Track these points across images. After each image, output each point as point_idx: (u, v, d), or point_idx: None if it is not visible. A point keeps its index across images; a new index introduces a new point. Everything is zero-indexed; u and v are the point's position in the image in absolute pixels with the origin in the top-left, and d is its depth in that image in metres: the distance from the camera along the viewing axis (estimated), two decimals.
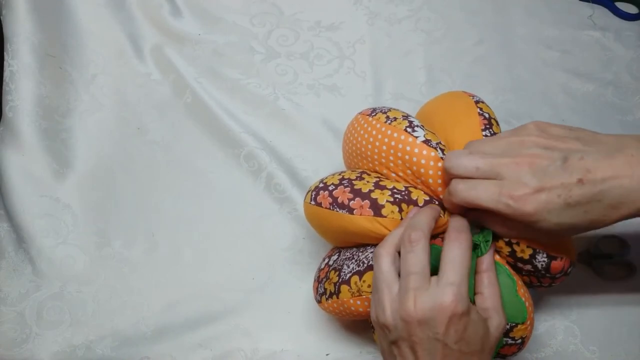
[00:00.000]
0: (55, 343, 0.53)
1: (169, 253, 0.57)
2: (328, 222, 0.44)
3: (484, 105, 0.47)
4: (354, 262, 0.45)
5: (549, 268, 0.41)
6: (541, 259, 0.41)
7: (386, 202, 0.42)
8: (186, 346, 0.53)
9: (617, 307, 0.53)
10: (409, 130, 0.43)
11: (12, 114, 0.59)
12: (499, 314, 0.38)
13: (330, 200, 0.43)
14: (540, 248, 0.41)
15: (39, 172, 0.59)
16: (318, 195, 0.45)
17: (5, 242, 0.57)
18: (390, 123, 0.44)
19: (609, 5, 0.70)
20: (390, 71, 0.66)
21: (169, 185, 0.60)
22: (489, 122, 0.45)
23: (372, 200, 0.42)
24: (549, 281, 0.43)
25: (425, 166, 0.42)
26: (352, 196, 0.43)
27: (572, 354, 0.52)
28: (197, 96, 0.63)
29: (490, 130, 0.45)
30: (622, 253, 0.55)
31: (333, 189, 0.44)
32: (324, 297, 0.47)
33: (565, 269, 0.42)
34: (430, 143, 0.42)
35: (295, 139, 0.62)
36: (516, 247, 0.41)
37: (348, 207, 0.43)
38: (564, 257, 0.42)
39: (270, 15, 0.68)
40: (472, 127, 0.45)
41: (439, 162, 0.42)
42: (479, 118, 0.45)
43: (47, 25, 0.62)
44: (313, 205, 0.45)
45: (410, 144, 0.42)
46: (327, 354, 0.52)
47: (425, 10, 0.69)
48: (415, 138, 0.42)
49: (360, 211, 0.42)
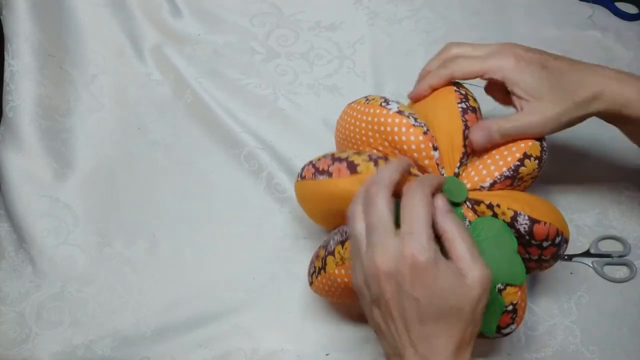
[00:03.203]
0: (55, 343, 0.53)
1: (170, 253, 0.57)
2: (313, 194, 0.46)
3: (461, 86, 0.49)
4: (339, 234, 0.46)
5: (532, 232, 0.42)
6: (523, 222, 0.42)
7: (362, 161, 0.43)
8: (186, 346, 0.53)
9: (617, 307, 0.53)
10: (384, 104, 0.45)
11: (12, 114, 0.59)
12: (476, 265, 0.35)
13: (312, 171, 0.45)
14: (522, 210, 0.42)
15: (40, 172, 0.59)
16: (303, 170, 0.47)
17: (5, 242, 0.57)
18: (368, 102, 0.47)
19: (609, 5, 0.70)
20: (390, 71, 0.66)
21: (169, 185, 0.61)
22: (464, 97, 0.47)
23: (349, 162, 0.43)
24: (537, 252, 0.43)
25: (398, 133, 0.44)
26: (331, 162, 0.44)
27: (572, 354, 0.52)
28: (197, 96, 0.63)
29: (467, 103, 0.47)
30: (622, 253, 0.56)
31: (316, 162, 0.46)
32: (314, 276, 0.48)
33: (550, 236, 0.42)
34: (403, 113, 0.44)
35: (295, 139, 0.62)
36: (497, 210, 0.42)
37: (327, 172, 0.44)
38: (550, 223, 0.42)
39: (270, 15, 0.68)
40: (449, 101, 0.47)
41: (411, 128, 0.43)
42: (455, 94, 0.47)
43: (47, 25, 0.62)
44: (299, 182, 0.47)
45: (384, 115, 0.44)
46: (327, 354, 0.52)
47: (426, 10, 0.70)
48: (389, 110, 0.44)
49: (338, 174, 0.43)
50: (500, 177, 0.44)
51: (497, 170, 0.44)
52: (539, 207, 0.43)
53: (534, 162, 0.44)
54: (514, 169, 0.44)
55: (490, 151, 0.46)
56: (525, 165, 0.44)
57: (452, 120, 0.46)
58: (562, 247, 0.44)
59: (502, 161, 0.44)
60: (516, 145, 0.45)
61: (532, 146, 0.45)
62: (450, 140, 0.45)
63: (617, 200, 0.58)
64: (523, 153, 0.44)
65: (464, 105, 0.46)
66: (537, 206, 0.43)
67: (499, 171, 0.44)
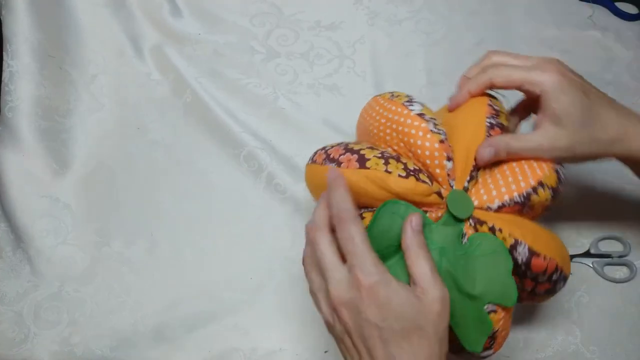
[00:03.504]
0: (54, 343, 0.53)
1: (169, 253, 0.57)
2: (320, 179, 0.45)
3: (496, 101, 0.47)
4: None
5: (529, 264, 0.41)
6: (522, 251, 0.41)
7: (373, 157, 0.43)
8: (185, 346, 0.53)
9: (617, 307, 0.53)
10: (407, 104, 0.44)
11: (11, 114, 0.59)
12: (434, 286, 0.36)
13: (324, 157, 0.45)
14: (523, 239, 0.41)
15: (39, 172, 0.59)
16: (315, 154, 0.47)
17: (3, 242, 0.57)
18: (392, 99, 0.46)
19: (609, 5, 0.70)
20: (390, 71, 0.66)
21: (168, 185, 0.60)
22: (496, 113, 0.46)
23: (360, 155, 0.43)
24: (532, 284, 0.42)
25: (415, 137, 0.43)
26: (343, 152, 0.44)
27: (572, 354, 0.52)
28: (197, 96, 0.63)
29: (497, 119, 0.45)
30: (622, 253, 0.55)
31: (329, 149, 0.46)
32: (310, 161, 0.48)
33: (548, 271, 0.41)
34: (423, 116, 0.43)
35: (295, 138, 0.62)
36: (498, 234, 0.41)
37: (337, 161, 0.44)
38: (550, 258, 0.41)
39: (270, 15, 0.68)
40: (478, 113, 0.46)
41: (428, 133, 0.42)
42: (486, 108, 0.46)
43: (47, 25, 0.62)
44: (310, 165, 0.47)
45: (404, 116, 0.43)
46: (326, 351, 0.52)
47: (426, 11, 0.69)
48: (410, 111, 0.44)
49: (347, 164, 0.43)
50: (510, 201, 0.42)
51: (508, 194, 0.43)
52: (543, 239, 0.42)
53: (547, 192, 0.43)
54: (526, 196, 0.42)
55: (505, 170, 0.44)
56: (537, 194, 0.42)
57: (475, 134, 0.44)
58: (558, 284, 0.43)
59: (515, 185, 0.43)
60: (532, 171, 0.43)
61: (549, 176, 0.43)
62: (467, 153, 0.44)
63: (617, 200, 0.58)
64: (538, 181, 0.43)
65: (493, 120, 0.45)
66: (541, 238, 0.42)
67: (509, 195, 0.43)
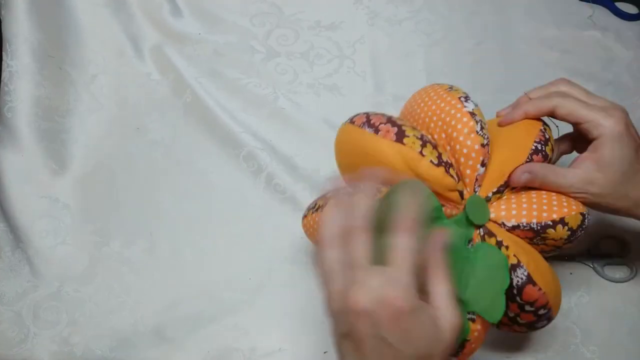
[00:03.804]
0: (54, 343, 0.53)
1: (168, 253, 0.57)
2: (353, 142, 0.44)
3: (548, 128, 0.47)
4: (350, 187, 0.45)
5: (522, 289, 0.40)
6: (520, 275, 0.40)
7: (412, 135, 0.42)
8: (185, 346, 0.53)
9: (617, 307, 0.53)
10: (462, 99, 0.44)
11: (10, 114, 0.59)
12: (450, 311, 0.36)
13: (364, 120, 0.44)
14: (525, 264, 0.40)
15: (38, 172, 0.59)
16: (356, 116, 0.45)
17: (2, 242, 0.57)
18: (450, 90, 0.46)
19: (609, 5, 0.70)
20: (390, 71, 0.66)
21: (168, 185, 0.60)
22: (545, 141, 0.46)
23: (401, 129, 0.42)
24: (516, 310, 0.42)
25: (459, 131, 0.42)
26: (385, 121, 0.43)
27: (572, 354, 0.52)
28: (197, 96, 0.63)
29: (543, 146, 0.45)
30: (622, 253, 0.55)
31: (372, 115, 0.45)
32: (311, 211, 0.48)
33: (537, 304, 0.41)
34: (474, 116, 0.43)
35: (295, 138, 0.62)
36: (504, 250, 0.41)
37: (376, 128, 0.43)
38: (544, 292, 0.41)
39: (270, 15, 0.68)
40: (528, 135, 0.46)
41: (472, 133, 0.42)
42: (538, 133, 0.46)
43: (47, 25, 0.62)
44: (347, 124, 0.46)
45: (457, 109, 0.43)
46: (325, 351, 0.52)
47: (426, 12, 0.69)
48: (464, 106, 0.43)
49: (384, 134, 0.42)
50: (526, 225, 0.42)
51: (526, 218, 0.42)
52: (544, 273, 0.42)
53: (564, 231, 0.42)
54: (542, 227, 0.42)
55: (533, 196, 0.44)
56: (555, 230, 0.42)
57: (517, 152, 0.44)
58: (541, 320, 0.42)
59: (537, 212, 0.42)
60: (560, 206, 0.43)
61: (574, 216, 0.43)
62: (502, 166, 0.44)
63: None
64: (561, 218, 0.42)
65: (539, 146, 0.45)
66: (543, 271, 0.42)
67: (527, 219, 0.42)
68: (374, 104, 0.63)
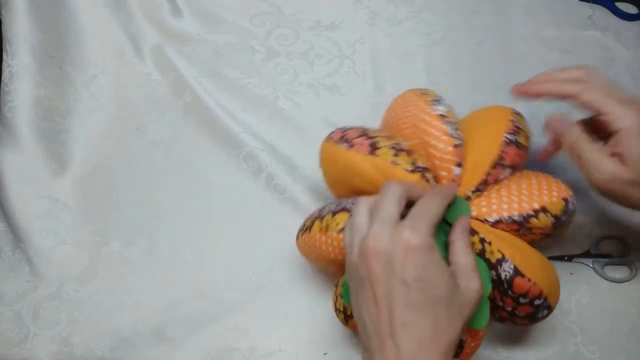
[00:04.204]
0: (54, 343, 0.53)
1: (168, 253, 0.57)
2: (333, 158, 0.46)
3: (520, 118, 0.47)
4: (335, 203, 0.46)
5: (511, 283, 0.40)
6: (507, 269, 0.41)
7: (384, 145, 0.43)
8: (185, 346, 0.53)
9: (617, 307, 0.53)
10: (432, 103, 0.45)
11: (10, 114, 0.59)
12: (472, 277, 0.36)
13: (339, 136, 0.46)
14: (510, 258, 0.40)
15: (38, 172, 0.59)
16: (333, 132, 0.47)
17: (2, 242, 0.57)
18: (421, 95, 0.46)
19: (609, 5, 0.70)
20: (390, 71, 0.66)
21: (168, 185, 0.60)
22: (516, 130, 0.45)
23: (373, 142, 0.44)
24: (512, 304, 0.42)
25: (431, 135, 0.43)
26: (359, 135, 0.45)
27: (572, 354, 0.52)
28: (197, 96, 0.63)
29: (515, 136, 0.45)
30: (622, 253, 0.55)
31: (347, 129, 0.46)
32: (301, 233, 0.48)
33: (530, 295, 0.41)
34: (445, 118, 0.44)
35: (295, 138, 0.62)
36: (487, 247, 0.41)
37: (350, 143, 0.44)
38: (534, 282, 0.41)
39: (270, 15, 0.68)
40: (498, 126, 0.46)
41: (445, 136, 0.43)
42: (507, 123, 0.46)
43: (47, 25, 0.62)
44: (325, 141, 0.48)
45: (427, 113, 0.44)
46: (325, 353, 0.52)
47: (426, 12, 0.69)
48: (434, 110, 0.44)
49: (358, 147, 0.44)
50: (508, 219, 0.43)
51: (507, 211, 0.43)
52: (532, 263, 0.42)
53: (548, 219, 0.43)
54: (525, 217, 0.42)
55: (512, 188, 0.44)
56: (538, 219, 0.42)
57: (489, 146, 0.44)
58: (540, 310, 0.43)
59: (517, 204, 0.43)
60: (540, 195, 0.43)
61: (555, 203, 0.43)
62: (476, 163, 0.44)
63: None
64: (542, 206, 0.43)
65: (511, 137, 0.45)
66: (531, 261, 0.42)
67: (508, 212, 0.43)
68: (374, 104, 0.63)
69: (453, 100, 0.49)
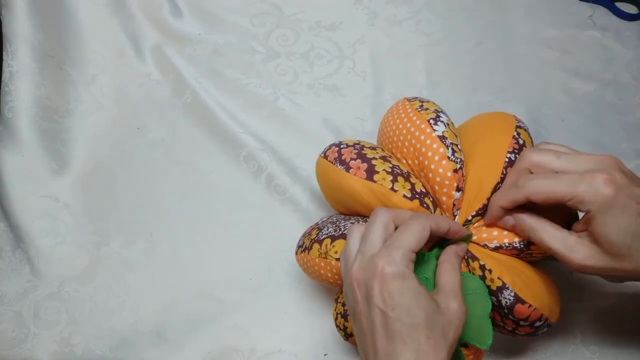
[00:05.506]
0: (54, 343, 0.53)
1: (168, 253, 0.57)
2: (328, 176, 0.45)
3: (523, 132, 0.45)
4: (333, 226, 0.46)
5: (512, 309, 0.40)
6: (507, 296, 0.40)
7: (382, 170, 0.42)
8: (184, 346, 0.53)
9: (617, 307, 0.53)
10: (431, 122, 0.43)
11: (11, 114, 0.59)
12: (452, 298, 0.36)
13: (335, 155, 0.45)
14: (511, 285, 0.40)
15: (38, 172, 0.59)
16: (329, 149, 0.46)
17: (2, 241, 0.57)
18: (419, 111, 0.44)
19: (609, 5, 0.70)
20: (390, 71, 0.66)
21: (168, 185, 0.60)
22: (520, 148, 0.44)
23: (370, 165, 0.43)
24: (512, 325, 0.42)
25: (430, 159, 0.42)
26: (355, 157, 0.43)
27: (572, 354, 0.52)
28: (197, 96, 0.63)
29: (517, 155, 0.43)
30: None
31: (343, 148, 0.45)
32: (300, 250, 0.48)
33: (531, 319, 0.41)
34: (444, 140, 0.42)
35: (295, 139, 0.62)
36: (487, 274, 0.41)
37: (347, 165, 0.43)
38: (535, 308, 0.40)
39: (270, 15, 0.68)
40: (500, 145, 0.44)
41: (444, 160, 0.42)
42: (509, 141, 0.44)
43: (47, 25, 0.62)
44: (321, 158, 0.46)
45: (426, 134, 0.42)
46: (325, 354, 0.52)
47: (426, 12, 0.69)
48: (434, 130, 0.42)
49: (355, 171, 0.43)
50: (509, 245, 0.42)
51: (508, 238, 0.42)
52: (534, 288, 0.41)
53: None
54: (526, 245, 0.41)
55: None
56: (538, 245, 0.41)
57: (492, 168, 0.43)
58: (540, 330, 0.42)
59: None
60: None
61: None
62: (479, 186, 0.43)
63: None
64: None
65: (513, 157, 0.43)
66: (532, 286, 0.41)
67: (509, 239, 0.42)
68: (374, 104, 0.63)
69: (453, 100, 0.49)
